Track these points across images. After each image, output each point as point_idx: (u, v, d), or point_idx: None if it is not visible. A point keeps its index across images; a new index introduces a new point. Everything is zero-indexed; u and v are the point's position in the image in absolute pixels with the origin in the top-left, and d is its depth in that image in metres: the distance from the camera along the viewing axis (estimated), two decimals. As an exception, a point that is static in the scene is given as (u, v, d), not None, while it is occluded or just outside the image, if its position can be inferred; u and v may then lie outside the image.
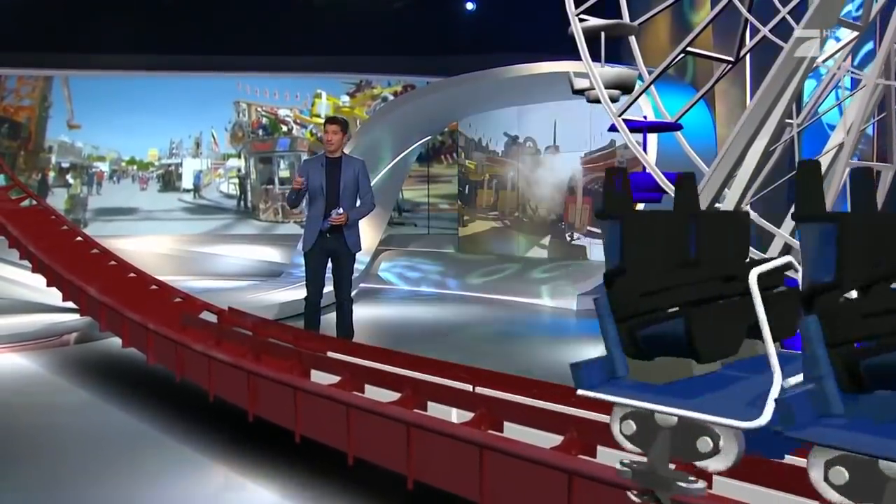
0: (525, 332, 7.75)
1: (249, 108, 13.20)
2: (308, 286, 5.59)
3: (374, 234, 10.61)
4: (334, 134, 5.55)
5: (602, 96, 5.35)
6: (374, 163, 10.00)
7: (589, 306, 8.71)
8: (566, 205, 10.82)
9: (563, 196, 10.89)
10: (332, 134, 5.55)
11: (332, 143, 5.53)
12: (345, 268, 5.60)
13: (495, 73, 9.76)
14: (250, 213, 13.28)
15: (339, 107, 13.47)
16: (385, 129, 10.49)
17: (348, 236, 5.55)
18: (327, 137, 5.55)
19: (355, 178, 5.56)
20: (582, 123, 10.22)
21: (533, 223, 11.37)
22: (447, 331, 7.75)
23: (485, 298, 9.82)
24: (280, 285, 9.58)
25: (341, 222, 5.47)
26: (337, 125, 5.58)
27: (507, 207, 11.73)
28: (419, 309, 9.06)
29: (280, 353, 4.10)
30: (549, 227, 11.09)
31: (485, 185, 12.05)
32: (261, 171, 13.35)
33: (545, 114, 10.95)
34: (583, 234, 10.57)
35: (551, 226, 11.07)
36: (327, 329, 6.01)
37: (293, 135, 13.39)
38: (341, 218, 5.44)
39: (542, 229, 11.21)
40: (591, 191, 10.44)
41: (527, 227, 11.45)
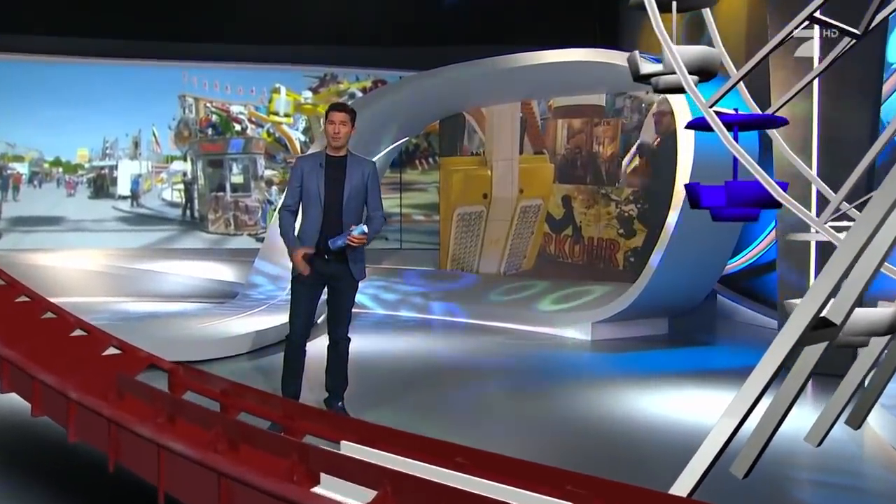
0: (538, 372, 6.59)
1: (197, 104, 12.04)
2: (293, 320, 4.52)
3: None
4: (342, 125, 4.41)
5: (687, 82, 4.15)
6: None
7: (606, 336, 7.65)
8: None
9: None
10: (341, 125, 4.41)
11: (339, 136, 4.41)
12: (345, 299, 4.54)
13: (495, 63, 8.69)
14: (198, 223, 12.09)
15: (299, 103, 12.38)
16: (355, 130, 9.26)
17: (353, 260, 4.46)
18: (333, 130, 4.41)
19: (363, 183, 4.45)
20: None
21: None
22: (441, 372, 6.51)
23: (477, 326, 8.65)
24: (238, 310, 8.29)
25: (362, 243, 4.29)
26: (345, 114, 4.44)
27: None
28: (401, 341, 7.83)
29: (269, 445, 2.79)
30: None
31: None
32: (210, 176, 12.16)
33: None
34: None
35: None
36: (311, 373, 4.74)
37: (247, 135, 12.25)
38: (363, 238, 4.26)
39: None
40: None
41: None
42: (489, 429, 4.76)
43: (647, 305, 7.53)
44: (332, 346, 4.67)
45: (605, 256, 9.12)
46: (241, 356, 6.67)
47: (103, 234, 11.66)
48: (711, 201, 4.05)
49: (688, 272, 7.45)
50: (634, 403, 5.28)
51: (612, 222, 9.05)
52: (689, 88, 4.27)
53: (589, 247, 9.32)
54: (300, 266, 4.40)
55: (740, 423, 2.64)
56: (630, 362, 6.87)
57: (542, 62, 8.30)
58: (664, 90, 4.58)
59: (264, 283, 9.44)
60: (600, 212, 9.19)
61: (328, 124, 4.45)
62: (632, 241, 8.88)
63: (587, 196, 9.33)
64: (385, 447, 2.78)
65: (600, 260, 9.18)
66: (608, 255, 9.10)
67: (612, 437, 4.57)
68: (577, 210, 9.42)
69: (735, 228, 7.54)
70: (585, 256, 9.36)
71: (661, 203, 7.88)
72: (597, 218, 9.24)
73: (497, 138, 10.27)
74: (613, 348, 7.37)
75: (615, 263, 9.02)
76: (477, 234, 10.39)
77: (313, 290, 4.58)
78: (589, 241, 9.33)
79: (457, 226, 10.54)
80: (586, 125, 9.42)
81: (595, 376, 6.29)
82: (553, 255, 9.66)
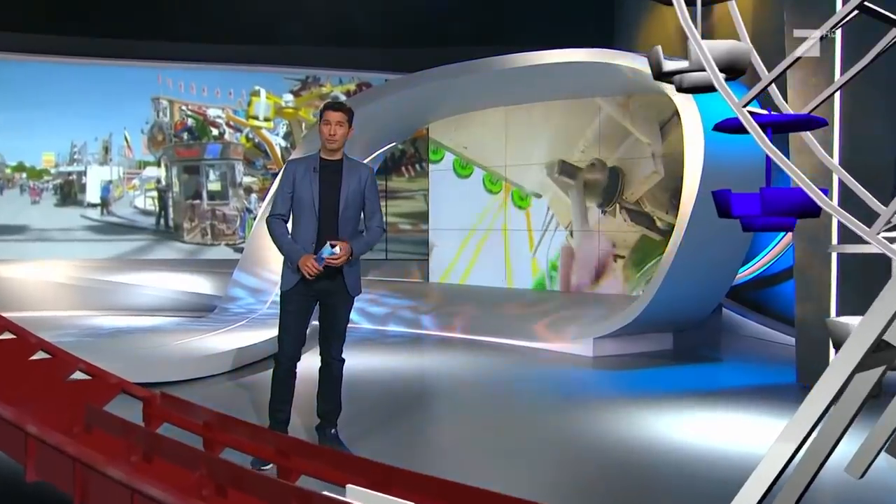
0: (539, 393, 6.28)
1: (172, 106, 11.73)
2: (283, 340, 4.19)
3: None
4: (339, 126, 4.09)
5: (717, 79, 3.85)
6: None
7: (608, 352, 7.39)
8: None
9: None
10: (337, 126, 4.08)
11: (335, 138, 4.08)
12: (339, 317, 4.21)
13: (490, 65, 8.41)
14: (172, 233, 11.77)
15: (280, 107, 12.13)
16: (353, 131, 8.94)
17: (348, 274, 4.14)
18: (328, 131, 4.08)
19: (361, 190, 4.13)
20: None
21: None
22: (436, 393, 6.20)
23: (471, 341, 8.33)
24: (216, 325, 7.93)
25: (341, 263, 4.00)
26: (342, 113, 4.11)
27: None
28: (392, 359, 7.48)
29: (263, 490, 2.45)
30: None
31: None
32: (185, 183, 11.84)
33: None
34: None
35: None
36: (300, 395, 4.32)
37: (225, 140, 11.96)
38: (341, 257, 3.98)
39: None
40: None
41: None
42: (495, 460, 4.45)
43: (651, 320, 7.28)
44: (324, 368, 4.33)
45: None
46: (221, 376, 6.32)
47: (71, 244, 11.28)
48: (744, 210, 3.76)
49: (696, 285, 7.21)
50: (645, 427, 5.00)
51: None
52: (719, 86, 3.97)
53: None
54: (310, 269, 4.02)
55: (796, 449, 2.43)
56: (635, 381, 6.63)
57: (540, 63, 8.05)
58: (689, 89, 4.31)
59: (244, 297, 9.14)
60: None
61: (323, 125, 4.13)
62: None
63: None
64: (399, 492, 2.45)
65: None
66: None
67: (623, 465, 4.29)
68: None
69: (746, 238, 7.33)
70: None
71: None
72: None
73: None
74: (617, 365, 7.13)
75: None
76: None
77: (304, 307, 4.23)
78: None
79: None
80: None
81: (600, 397, 6.01)
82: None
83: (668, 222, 8.21)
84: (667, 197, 8.44)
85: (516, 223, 9.72)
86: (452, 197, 10.28)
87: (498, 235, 9.89)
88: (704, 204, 6.68)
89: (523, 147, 9.66)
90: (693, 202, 6.76)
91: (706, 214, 6.78)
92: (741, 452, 4.39)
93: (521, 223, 9.69)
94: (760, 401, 5.71)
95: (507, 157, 9.83)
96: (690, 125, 6.92)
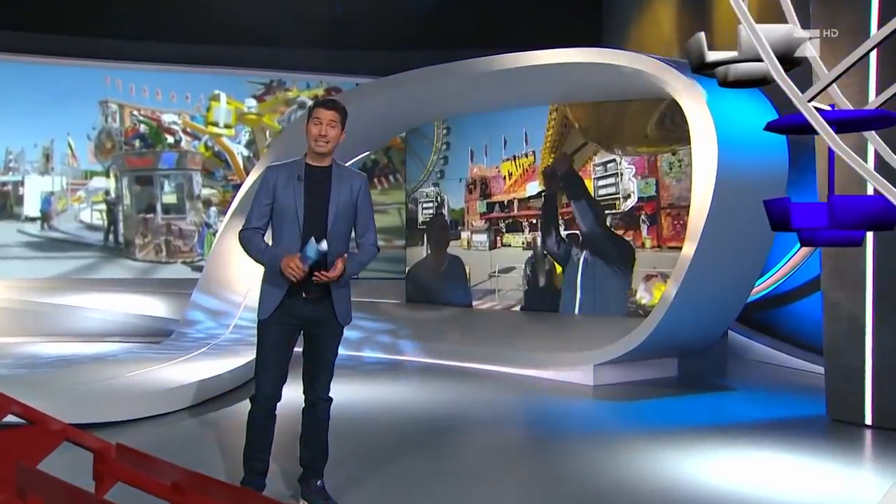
0: (537, 427, 5.92)
1: (122, 111, 11.31)
2: (261, 377, 3.75)
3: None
4: (330, 127, 3.70)
5: (776, 69, 3.50)
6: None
7: (610, 380, 7.08)
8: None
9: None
10: (328, 126, 3.70)
11: (326, 140, 3.70)
12: (327, 349, 3.81)
13: (476, 67, 8.04)
14: (122, 250, 11.33)
15: (242, 113, 11.76)
16: (304, 146, 8.52)
17: (338, 299, 3.73)
18: (318, 132, 3.69)
19: (352, 202, 3.75)
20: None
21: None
22: (423, 429, 5.73)
23: (456, 368, 7.93)
24: (173, 353, 7.41)
25: (333, 278, 3.59)
26: (336, 112, 3.72)
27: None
28: (370, 389, 7.01)
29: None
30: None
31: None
32: (137, 195, 11.41)
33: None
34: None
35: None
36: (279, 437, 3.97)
37: (182, 148, 11.57)
38: (335, 271, 3.57)
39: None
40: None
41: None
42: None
43: (657, 345, 6.94)
44: (308, 410, 3.89)
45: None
46: (182, 412, 5.82)
47: (6, 262, 10.78)
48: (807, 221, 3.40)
49: (705, 308, 6.89)
50: (664, 469, 4.63)
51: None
52: (779, 76, 3.60)
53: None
54: (294, 270, 3.56)
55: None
56: (641, 413, 6.31)
57: (531, 65, 7.69)
58: (736, 82, 3.96)
59: (204, 320, 8.73)
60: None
61: (312, 124, 3.72)
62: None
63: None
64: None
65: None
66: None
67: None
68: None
69: (762, 256, 7.05)
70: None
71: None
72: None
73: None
74: (620, 395, 6.80)
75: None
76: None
77: (286, 338, 3.78)
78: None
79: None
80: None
81: (608, 433, 5.64)
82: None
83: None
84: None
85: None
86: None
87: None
88: (717, 219, 6.42)
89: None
90: (705, 217, 6.45)
91: (719, 231, 6.52)
92: (779, 499, 4.06)
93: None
94: (789, 436, 5.37)
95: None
96: (701, 132, 6.62)
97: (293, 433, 4.00)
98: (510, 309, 9.46)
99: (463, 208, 10.16)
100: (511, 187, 9.65)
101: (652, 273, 8.28)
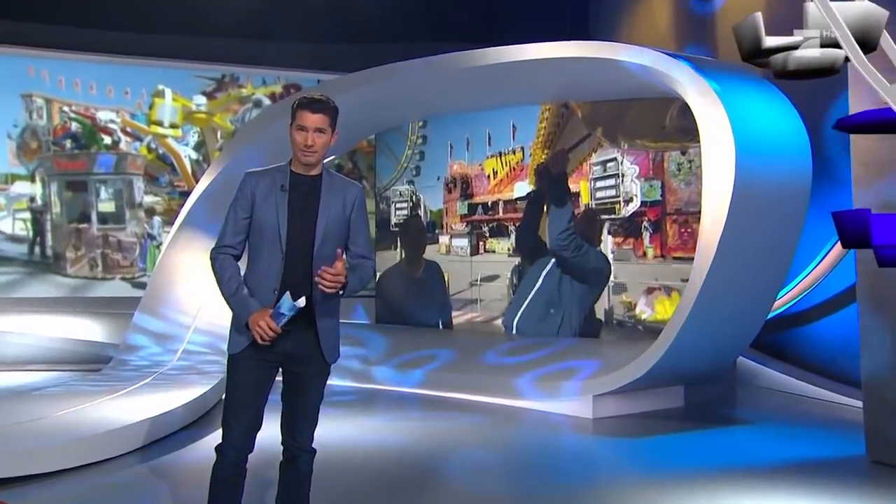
0: (530, 469, 5.56)
1: (49, 106, 10.98)
2: (230, 424, 3.46)
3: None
4: (318, 134, 3.37)
5: (856, 54, 3.20)
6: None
7: (610, 412, 6.83)
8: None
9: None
10: (316, 134, 3.36)
11: (313, 151, 3.38)
12: (310, 391, 3.50)
13: (459, 61, 7.73)
14: (51, 264, 11.01)
15: (190, 111, 11.53)
16: (264, 149, 8.32)
17: (324, 332, 3.42)
18: (303, 141, 3.37)
19: (345, 216, 3.46)
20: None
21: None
22: (405, 472, 5.37)
23: (436, 399, 7.61)
24: (113, 384, 7.05)
25: (336, 287, 3.28)
26: (323, 116, 3.36)
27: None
28: (342, 426, 6.59)
29: None
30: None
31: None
32: (69, 203, 11.10)
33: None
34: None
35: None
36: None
37: (121, 150, 11.31)
38: (339, 276, 3.26)
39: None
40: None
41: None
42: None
43: (664, 374, 6.68)
44: (287, 465, 3.52)
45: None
46: (126, 457, 5.39)
47: None
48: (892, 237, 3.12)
49: (719, 332, 6.65)
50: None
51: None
52: (860, 62, 3.28)
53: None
54: (263, 330, 3.26)
55: None
56: (645, 452, 6.03)
57: (519, 60, 7.38)
58: (797, 72, 3.64)
59: (148, 345, 8.41)
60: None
61: (296, 131, 3.36)
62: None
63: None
64: None
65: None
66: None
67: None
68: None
69: (782, 273, 6.83)
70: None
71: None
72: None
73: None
74: (622, 430, 6.54)
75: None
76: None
77: (261, 377, 3.41)
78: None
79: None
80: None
81: (606, 476, 5.39)
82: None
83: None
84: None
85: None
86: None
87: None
88: (733, 233, 6.16)
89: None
90: (720, 231, 6.19)
91: (735, 246, 6.20)
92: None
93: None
94: (822, 481, 5.05)
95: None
96: (715, 134, 6.36)
97: (262, 483, 3.61)
98: (493, 321, 9.20)
99: (441, 209, 9.86)
100: (496, 187, 9.33)
101: (654, 286, 8.03)
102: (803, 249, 7.18)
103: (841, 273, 7.42)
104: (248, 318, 3.27)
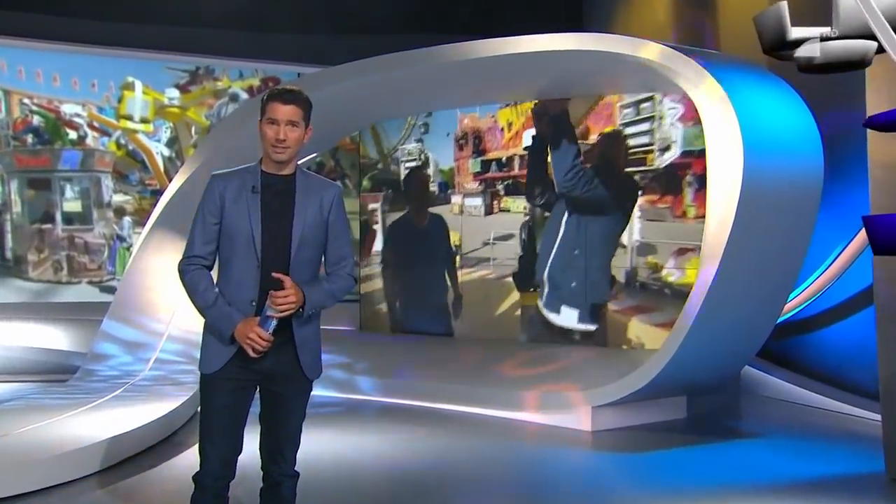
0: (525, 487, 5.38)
1: (9, 98, 10.80)
2: (206, 450, 3.29)
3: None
4: (290, 127, 3.21)
5: (893, 43, 3.04)
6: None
7: (610, 424, 6.73)
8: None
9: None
10: (288, 127, 3.20)
11: (285, 146, 3.21)
12: (291, 411, 3.37)
13: (449, 53, 7.61)
14: (12, 268, 10.85)
15: (162, 105, 11.40)
16: (241, 147, 8.07)
17: (303, 347, 3.29)
18: (275, 134, 3.22)
19: (323, 220, 3.31)
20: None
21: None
22: (393, 492, 5.22)
23: (425, 410, 7.48)
24: (79, 397, 6.86)
25: (288, 309, 3.16)
26: (295, 107, 3.20)
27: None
28: (325, 439, 6.41)
29: None
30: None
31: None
32: (31, 202, 10.93)
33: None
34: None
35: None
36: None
37: (87, 146, 11.14)
38: (288, 298, 3.13)
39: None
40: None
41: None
42: None
43: (666, 384, 6.60)
44: (270, 491, 3.36)
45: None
46: (90, 479, 5.17)
47: None
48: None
49: (725, 340, 6.58)
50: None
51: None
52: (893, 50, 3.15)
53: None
54: (256, 342, 3.12)
55: None
56: (647, 467, 5.91)
57: (513, 53, 7.24)
58: (825, 65, 3.49)
59: (117, 354, 8.23)
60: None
61: (266, 125, 3.20)
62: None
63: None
64: None
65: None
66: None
67: None
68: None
69: (791, 279, 6.77)
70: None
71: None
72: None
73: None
74: (622, 444, 6.44)
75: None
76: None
77: (239, 399, 3.27)
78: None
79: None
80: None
81: (604, 494, 5.27)
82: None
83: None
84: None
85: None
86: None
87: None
88: (740, 237, 6.07)
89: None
90: (727, 234, 6.08)
91: (743, 250, 6.09)
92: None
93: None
94: (840, 501, 4.94)
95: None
96: (721, 133, 6.24)
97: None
98: (504, 279, 9.05)
99: (452, 168, 9.58)
100: (511, 140, 9.00)
101: (688, 247, 7.75)
102: (813, 252, 7.09)
103: (851, 277, 7.34)
104: (234, 331, 3.12)
